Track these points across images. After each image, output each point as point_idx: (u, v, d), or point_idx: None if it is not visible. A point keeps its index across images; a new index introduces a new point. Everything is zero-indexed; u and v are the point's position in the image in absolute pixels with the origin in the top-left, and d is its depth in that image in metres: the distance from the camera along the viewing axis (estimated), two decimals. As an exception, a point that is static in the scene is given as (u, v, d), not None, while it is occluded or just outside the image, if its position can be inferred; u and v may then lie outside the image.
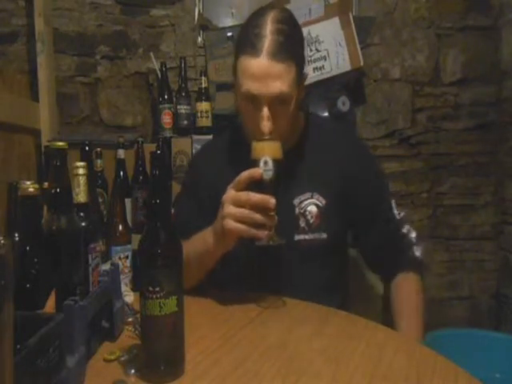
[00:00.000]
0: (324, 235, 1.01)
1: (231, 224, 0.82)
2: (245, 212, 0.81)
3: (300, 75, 0.94)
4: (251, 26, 0.91)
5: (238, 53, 0.93)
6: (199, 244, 0.92)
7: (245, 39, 0.91)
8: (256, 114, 0.91)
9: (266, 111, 0.90)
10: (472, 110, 2.03)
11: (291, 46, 0.90)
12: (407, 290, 1.01)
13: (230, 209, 0.82)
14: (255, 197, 0.81)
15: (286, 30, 0.90)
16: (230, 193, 0.84)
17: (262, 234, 0.82)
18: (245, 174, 0.82)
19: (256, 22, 0.91)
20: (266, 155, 0.83)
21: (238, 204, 0.82)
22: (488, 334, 1.74)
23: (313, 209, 1.01)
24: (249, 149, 0.91)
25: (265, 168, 0.82)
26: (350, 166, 1.03)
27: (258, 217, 0.81)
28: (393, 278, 1.03)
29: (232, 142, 1.12)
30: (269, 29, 0.88)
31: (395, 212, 1.04)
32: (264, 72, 0.88)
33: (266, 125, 0.90)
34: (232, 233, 0.83)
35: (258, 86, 0.89)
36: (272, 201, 0.80)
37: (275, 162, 0.83)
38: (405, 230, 1.04)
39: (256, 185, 0.82)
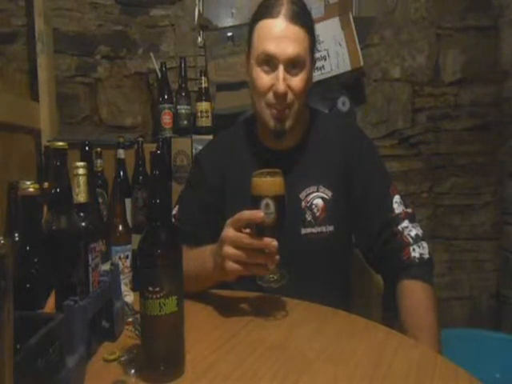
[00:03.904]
0: (330, 228, 1.01)
1: (232, 265, 0.81)
2: (245, 254, 0.79)
3: (312, 49, 0.99)
4: None
5: (253, 22, 0.98)
6: (199, 266, 0.91)
7: (262, 8, 0.97)
8: (271, 78, 0.94)
9: (281, 71, 0.93)
10: (472, 110, 2.03)
11: (305, 16, 0.96)
12: (407, 304, 0.93)
13: (229, 250, 0.80)
14: (257, 242, 0.78)
15: (300, 4, 0.97)
16: (230, 232, 0.81)
17: (263, 271, 0.82)
18: (245, 215, 0.79)
19: None
20: (268, 197, 0.79)
21: (238, 246, 0.80)
22: (488, 334, 1.74)
23: (319, 202, 1.01)
24: (254, 144, 0.91)
25: (266, 211, 0.78)
26: (352, 158, 1.04)
27: (259, 259, 0.80)
28: (393, 281, 0.97)
29: (237, 138, 1.12)
30: None
31: (394, 207, 1.00)
32: (281, 33, 0.93)
33: (282, 85, 0.93)
34: (233, 273, 0.82)
35: (275, 45, 0.93)
36: (273, 244, 0.78)
37: (277, 201, 0.79)
38: (400, 228, 0.98)
39: (257, 225, 0.79)
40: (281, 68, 0.93)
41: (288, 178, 0.84)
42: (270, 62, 0.94)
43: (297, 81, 0.95)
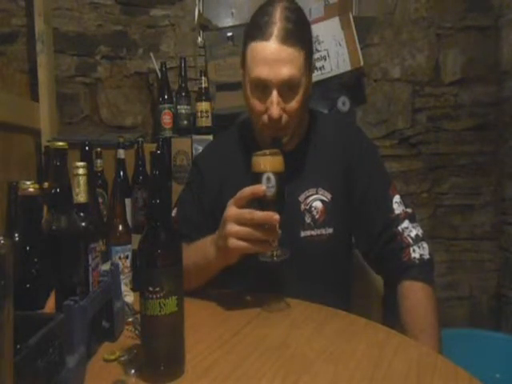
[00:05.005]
0: (330, 230, 1.01)
1: (235, 242, 0.81)
2: (248, 230, 0.80)
3: (309, 63, 0.95)
4: (260, 14, 0.94)
5: (247, 41, 0.95)
6: (200, 257, 0.91)
7: (254, 27, 0.93)
8: (265, 101, 0.92)
9: (275, 95, 0.91)
10: (472, 110, 2.03)
11: (300, 32, 0.92)
12: (407, 304, 0.93)
13: (233, 227, 0.81)
14: (259, 215, 0.79)
15: (295, 18, 0.92)
16: (232, 210, 0.82)
17: (266, 248, 0.82)
18: (247, 191, 0.80)
19: (265, 11, 0.93)
20: (269, 171, 0.80)
21: (241, 222, 0.80)
22: (488, 334, 1.75)
23: (318, 204, 1.01)
24: (253, 147, 0.90)
25: (268, 185, 0.80)
26: (352, 159, 1.03)
27: (261, 234, 0.80)
28: (394, 282, 0.97)
29: (235, 141, 1.12)
30: (278, 16, 0.91)
31: (394, 207, 1.00)
32: (274, 56, 0.89)
33: (276, 110, 0.91)
34: (236, 251, 0.83)
35: (267, 70, 0.90)
36: (276, 217, 0.79)
37: (278, 176, 0.81)
38: (400, 228, 0.97)
39: (258, 201, 0.80)
40: (274, 93, 0.90)
41: (287, 180, 0.84)
42: (263, 86, 0.92)
43: (292, 103, 0.93)
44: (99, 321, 0.75)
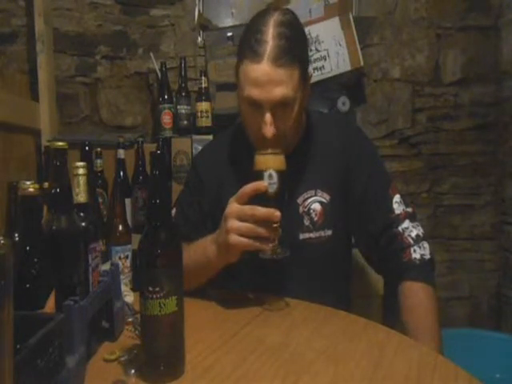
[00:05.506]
0: (329, 232, 1.01)
1: (236, 239, 0.81)
2: (249, 226, 0.81)
3: (304, 77, 0.93)
4: (253, 30, 0.91)
5: (239, 57, 0.93)
6: (200, 256, 0.92)
7: (247, 44, 0.90)
8: (258, 119, 0.91)
9: (268, 116, 0.90)
10: (472, 110, 2.03)
11: (294, 49, 0.89)
12: (408, 305, 0.92)
13: (234, 223, 0.81)
14: (260, 211, 0.80)
15: (288, 34, 0.89)
16: (234, 206, 0.82)
17: (267, 246, 0.82)
18: (249, 187, 0.81)
19: (258, 27, 0.90)
20: (271, 169, 0.82)
21: (243, 218, 0.81)
22: (488, 334, 1.75)
23: (317, 206, 1.01)
24: (251, 149, 0.91)
25: (270, 181, 0.81)
26: (351, 158, 1.03)
27: (262, 230, 0.81)
28: (395, 283, 0.97)
29: (234, 142, 1.11)
30: (270, 33, 0.88)
31: (394, 207, 0.99)
32: (266, 78, 0.87)
33: (269, 130, 0.90)
34: (237, 247, 0.83)
35: (259, 91, 0.88)
36: (277, 214, 0.80)
37: (279, 174, 0.82)
38: (400, 229, 0.97)
39: (260, 198, 0.81)
40: (267, 114, 0.89)
41: (286, 191, 0.84)
42: (255, 105, 0.91)
43: (286, 120, 0.92)
44: (99, 321, 0.75)
